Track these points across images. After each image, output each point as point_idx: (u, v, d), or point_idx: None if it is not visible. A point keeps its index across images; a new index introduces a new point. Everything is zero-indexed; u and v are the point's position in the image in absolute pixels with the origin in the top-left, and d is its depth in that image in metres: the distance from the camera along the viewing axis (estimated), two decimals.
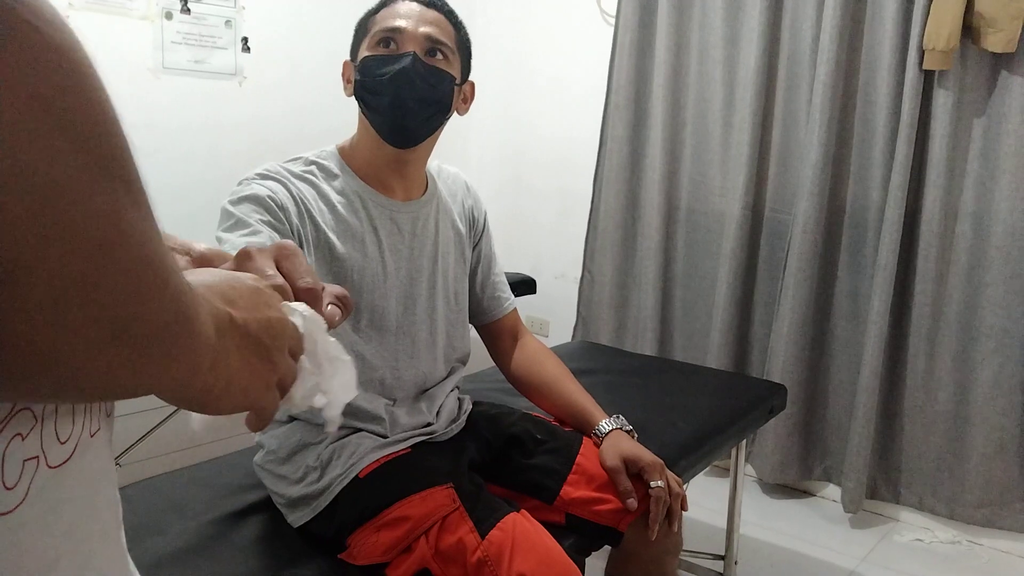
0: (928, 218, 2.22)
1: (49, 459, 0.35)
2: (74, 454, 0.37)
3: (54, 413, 0.36)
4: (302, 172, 1.22)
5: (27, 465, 0.34)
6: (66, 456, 0.37)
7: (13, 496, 0.33)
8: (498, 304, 1.49)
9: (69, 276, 0.27)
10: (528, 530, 1.13)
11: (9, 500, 0.33)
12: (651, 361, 2.19)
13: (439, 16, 1.25)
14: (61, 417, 0.36)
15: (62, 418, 0.36)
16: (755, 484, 2.62)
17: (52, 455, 0.36)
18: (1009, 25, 2.02)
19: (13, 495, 0.33)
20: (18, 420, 0.33)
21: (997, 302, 2.17)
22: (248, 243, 1.05)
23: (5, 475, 0.33)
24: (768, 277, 2.55)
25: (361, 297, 1.24)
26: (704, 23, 2.57)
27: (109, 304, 0.29)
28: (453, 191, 1.41)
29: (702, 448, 1.64)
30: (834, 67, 2.27)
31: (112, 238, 0.29)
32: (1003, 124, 2.13)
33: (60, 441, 0.36)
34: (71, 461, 0.37)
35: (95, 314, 0.29)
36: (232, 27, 2.47)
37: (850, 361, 2.41)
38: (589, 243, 2.87)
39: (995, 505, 2.24)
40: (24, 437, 0.34)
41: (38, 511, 0.35)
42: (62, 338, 0.28)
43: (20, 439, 0.34)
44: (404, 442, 1.27)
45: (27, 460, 0.34)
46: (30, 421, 0.34)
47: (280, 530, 1.23)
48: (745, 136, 2.46)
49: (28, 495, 0.34)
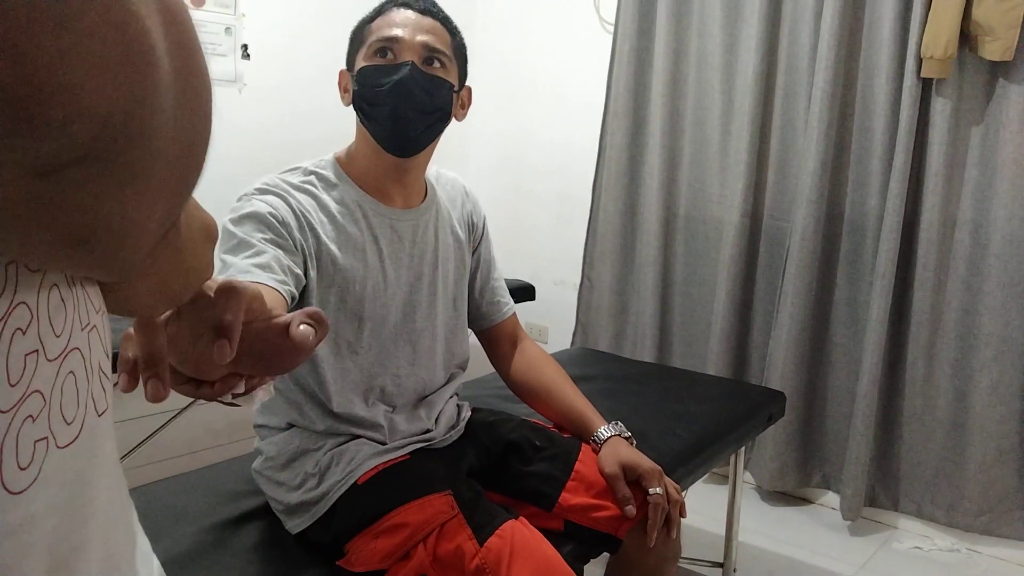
0: (927, 226, 2.23)
1: (58, 440, 0.36)
2: (81, 433, 0.38)
3: (60, 394, 0.36)
4: (301, 183, 1.22)
5: (38, 446, 0.35)
6: (73, 436, 0.38)
7: (27, 476, 0.34)
8: (497, 309, 1.49)
9: None
10: (527, 537, 1.13)
11: (23, 480, 0.34)
12: (650, 368, 2.20)
13: (435, 23, 1.24)
14: (67, 397, 0.37)
15: (67, 398, 0.37)
16: (754, 491, 2.61)
17: (60, 436, 0.36)
18: (1006, 34, 2.03)
19: (27, 475, 0.34)
20: (29, 402, 0.34)
21: (996, 310, 2.17)
22: (253, 264, 1.05)
23: (19, 455, 0.34)
24: (767, 284, 2.55)
25: (363, 307, 1.24)
26: (703, 31, 2.58)
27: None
28: (452, 197, 1.41)
29: (701, 455, 1.64)
30: (832, 75, 2.28)
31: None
32: (1001, 132, 2.13)
33: (67, 422, 0.37)
34: (78, 441, 0.38)
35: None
36: (232, 34, 2.47)
37: (849, 368, 2.41)
38: (588, 250, 2.87)
39: (994, 513, 2.23)
40: (35, 418, 0.35)
41: (52, 491, 0.36)
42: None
43: (31, 420, 0.34)
44: (403, 449, 1.27)
45: (38, 441, 0.35)
46: (39, 403, 0.35)
47: (278, 537, 1.23)
48: (743, 143, 2.47)
49: (40, 475, 0.35)
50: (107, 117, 0.22)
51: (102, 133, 0.22)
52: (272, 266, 1.07)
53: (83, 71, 0.20)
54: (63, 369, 0.37)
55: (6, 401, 0.33)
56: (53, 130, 0.20)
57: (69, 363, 0.37)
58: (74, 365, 0.38)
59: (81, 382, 0.39)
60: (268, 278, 1.05)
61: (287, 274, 1.09)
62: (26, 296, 0.34)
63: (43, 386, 0.35)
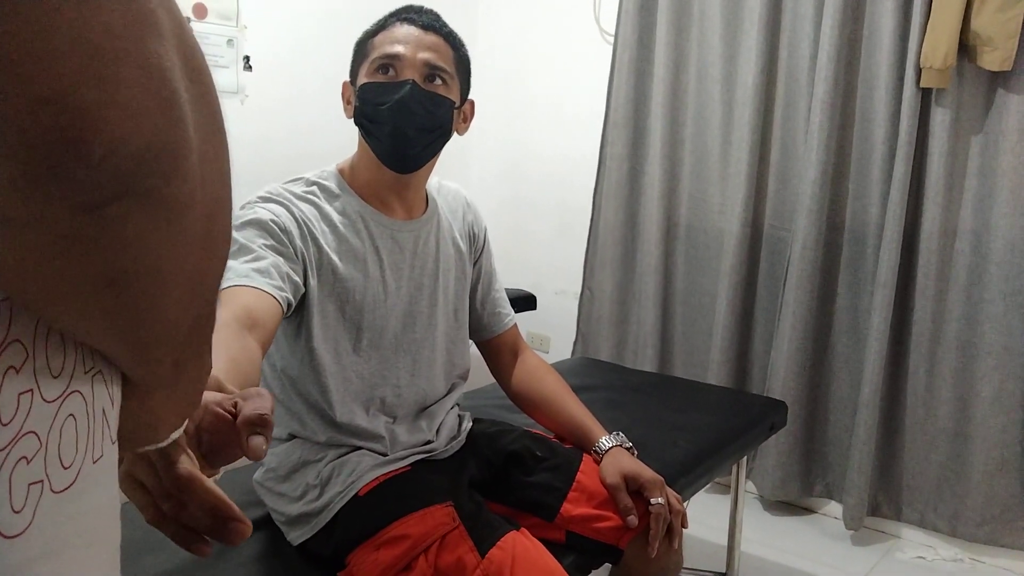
0: (927, 235, 2.23)
1: (53, 484, 0.36)
2: (77, 479, 0.37)
3: (59, 437, 0.36)
4: (304, 193, 1.23)
5: (32, 489, 0.34)
6: (70, 481, 0.37)
7: (21, 519, 0.34)
8: (498, 320, 1.49)
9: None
10: (528, 548, 1.13)
11: (18, 523, 0.33)
12: (651, 377, 2.19)
13: (437, 40, 1.24)
14: (65, 441, 0.36)
15: (66, 442, 0.36)
16: (756, 501, 2.61)
17: (56, 480, 0.36)
18: (1005, 44, 2.04)
19: (21, 518, 0.34)
20: (23, 443, 0.34)
21: (997, 319, 2.17)
22: (252, 269, 1.06)
23: (13, 498, 0.33)
24: (768, 294, 2.55)
25: (362, 317, 1.24)
26: (703, 41, 2.59)
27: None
28: (453, 208, 1.42)
29: (702, 465, 1.64)
30: (832, 85, 2.29)
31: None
32: (1000, 142, 2.14)
33: (64, 466, 0.36)
34: (75, 486, 0.37)
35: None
36: (234, 46, 2.49)
37: (850, 378, 2.41)
38: (589, 259, 2.87)
39: (997, 522, 2.23)
40: (29, 460, 0.34)
41: (47, 536, 0.35)
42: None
43: (25, 462, 0.34)
44: (404, 460, 1.27)
45: (32, 484, 0.34)
46: (35, 444, 0.34)
47: (279, 548, 1.23)
48: (744, 153, 2.47)
49: (34, 519, 0.34)
50: (142, 152, 0.25)
51: (138, 168, 0.26)
52: (271, 272, 1.07)
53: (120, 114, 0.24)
54: (62, 411, 0.36)
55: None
56: (95, 164, 0.24)
57: (69, 406, 0.37)
58: (74, 408, 0.37)
59: (81, 425, 0.38)
60: (265, 283, 1.05)
61: (285, 281, 1.10)
62: (21, 334, 0.34)
63: (39, 427, 0.34)
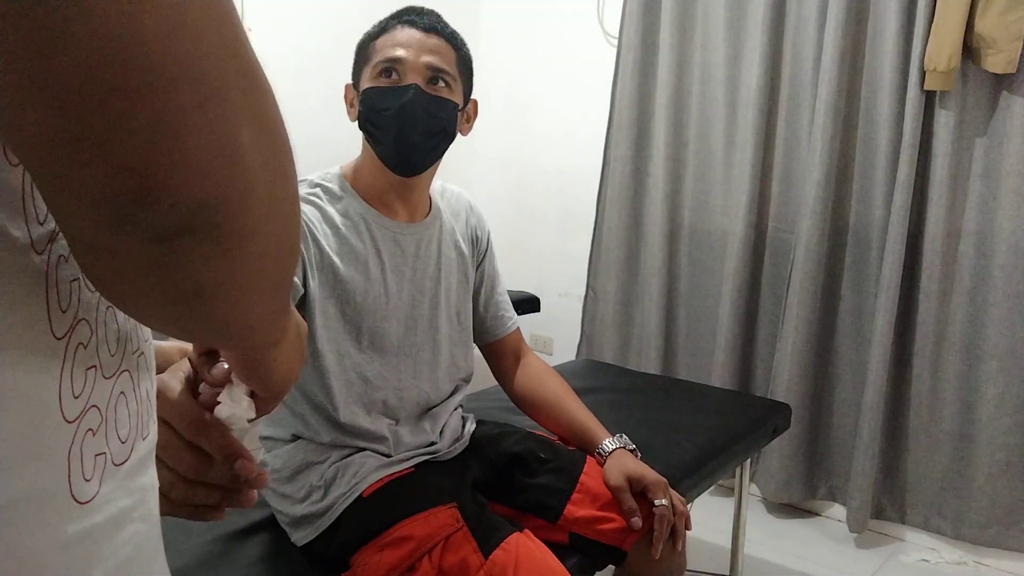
0: (931, 237, 2.23)
1: (114, 457, 0.39)
2: (132, 454, 0.41)
3: (114, 413, 0.39)
4: (306, 195, 1.23)
5: (98, 459, 0.38)
6: (126, 456, 0.40)
7: (90, 488, 0.37)
8: (501, 323, 1.49)
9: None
10: (531, 550, 1.13)
11: (88, 491, 0.36)
12: (655, 379, 2.19)
13: (440, 42, 1.24)
14: (120, 417, 0.40)
15: (120, 418, 0.40)
16: (759, 503, 2.61)
17: (116, 453, 0.39)
18: (1009, 46, 2.03)
19: (90, 487, 0.37)
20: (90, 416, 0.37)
21: (1001, 321, 2.16)
22: None
23: (84, 466, 0.36)
24: (771, 296, 2.55)
25: (363, 318, 1.24)
26: (706, 44, 2.59)
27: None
28: (456, 211, 1.42)
29: (706, 467, 1.64)
30: (836, 87, 2.29)
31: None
32: (1004, 144, 2.14)
33: (121, 440, 0.40)
34: (130, 461, 0.41)
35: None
36: None
37: (854, 380, 2.41)
38: (592, 261, 2.88)
39: (1001, 525, 2.22)
40: (95, 433, 0.37)
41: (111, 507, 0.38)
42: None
43: (91, 434, 0.37)
44: (407, 461, 1.27)
45: (98, 455, 0.38)
46: (97, 418, 0.38)
47: (283, 549, 1.23)
48: (747, 155, 2.47)
49: (100, 489, 0.37)
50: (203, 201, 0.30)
51: (200, 211, 0.30)
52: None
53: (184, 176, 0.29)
54: (116, 388, 0.40)
55: (71, 412, 0.36)
56: (163, 210, 0.29)
57: (121, 383, 0.40)
58: (124, 386, 0.41)
59: (131, 403, 0.41)
60: None
61: None
62: (87, 313, 0.37)
63: (100, 402, 0.38)
